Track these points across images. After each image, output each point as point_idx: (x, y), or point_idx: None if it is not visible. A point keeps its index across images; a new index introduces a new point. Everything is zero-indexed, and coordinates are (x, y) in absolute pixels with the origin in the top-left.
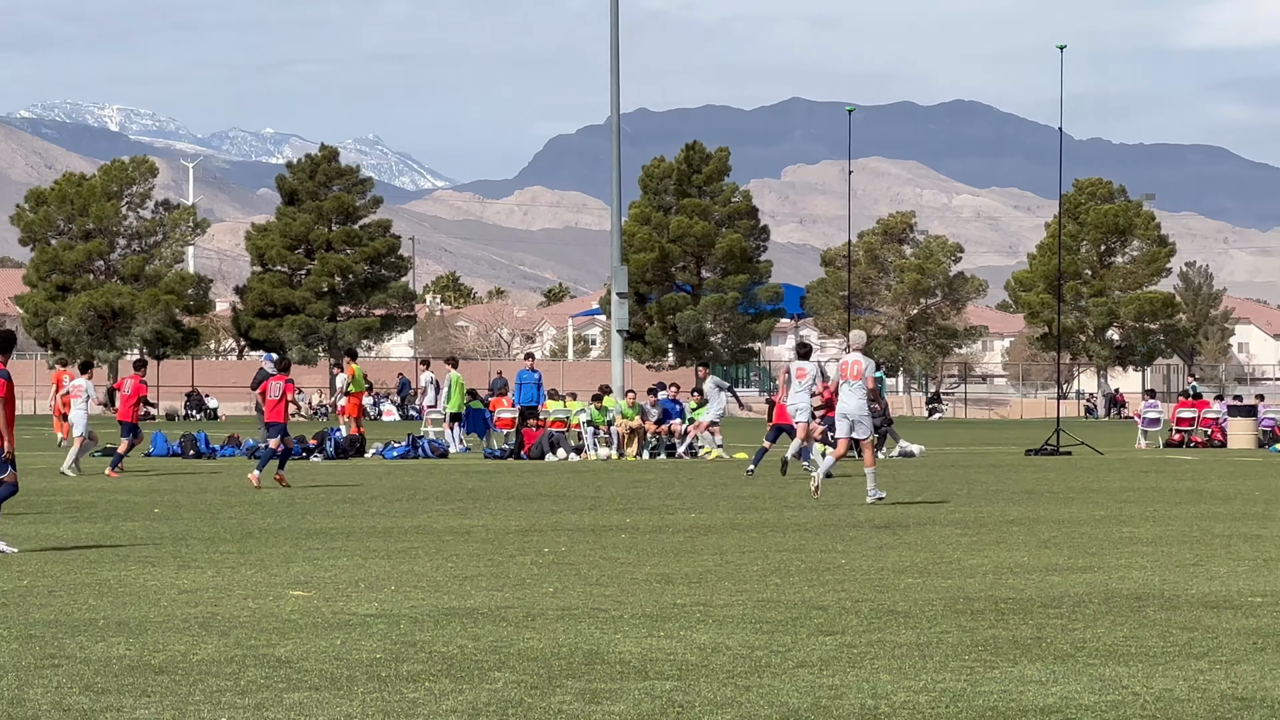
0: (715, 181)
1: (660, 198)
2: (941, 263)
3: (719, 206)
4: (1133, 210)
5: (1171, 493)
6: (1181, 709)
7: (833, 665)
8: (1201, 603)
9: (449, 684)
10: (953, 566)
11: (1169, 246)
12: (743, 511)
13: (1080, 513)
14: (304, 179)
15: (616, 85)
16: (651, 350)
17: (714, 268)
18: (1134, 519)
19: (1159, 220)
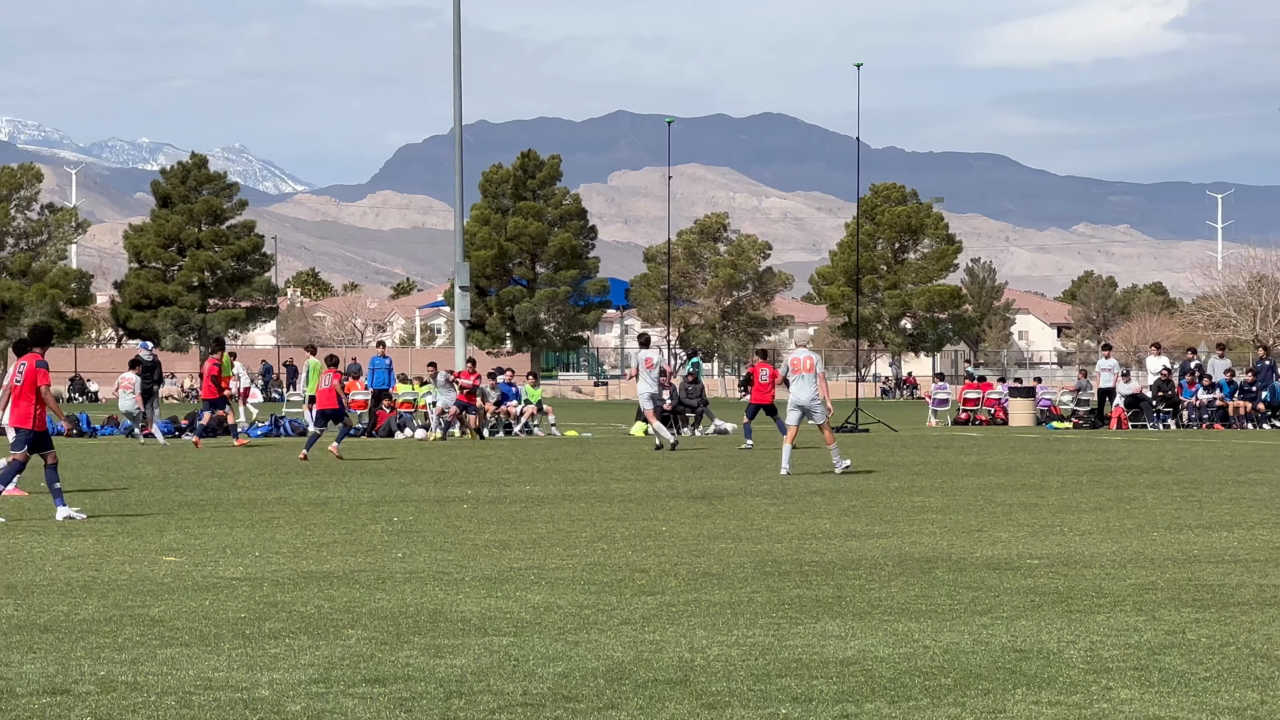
0: (548, 186)
1: (499, 200)
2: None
3: (552, 208)
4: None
5: (959, 466)
6: (966, 660)
7: (653, 622)
8: (985, 565)
9: (307, 640)
10: (762, 533)
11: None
12: (573, 484)
13: (877, 484)
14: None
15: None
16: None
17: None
18: (925, 489)
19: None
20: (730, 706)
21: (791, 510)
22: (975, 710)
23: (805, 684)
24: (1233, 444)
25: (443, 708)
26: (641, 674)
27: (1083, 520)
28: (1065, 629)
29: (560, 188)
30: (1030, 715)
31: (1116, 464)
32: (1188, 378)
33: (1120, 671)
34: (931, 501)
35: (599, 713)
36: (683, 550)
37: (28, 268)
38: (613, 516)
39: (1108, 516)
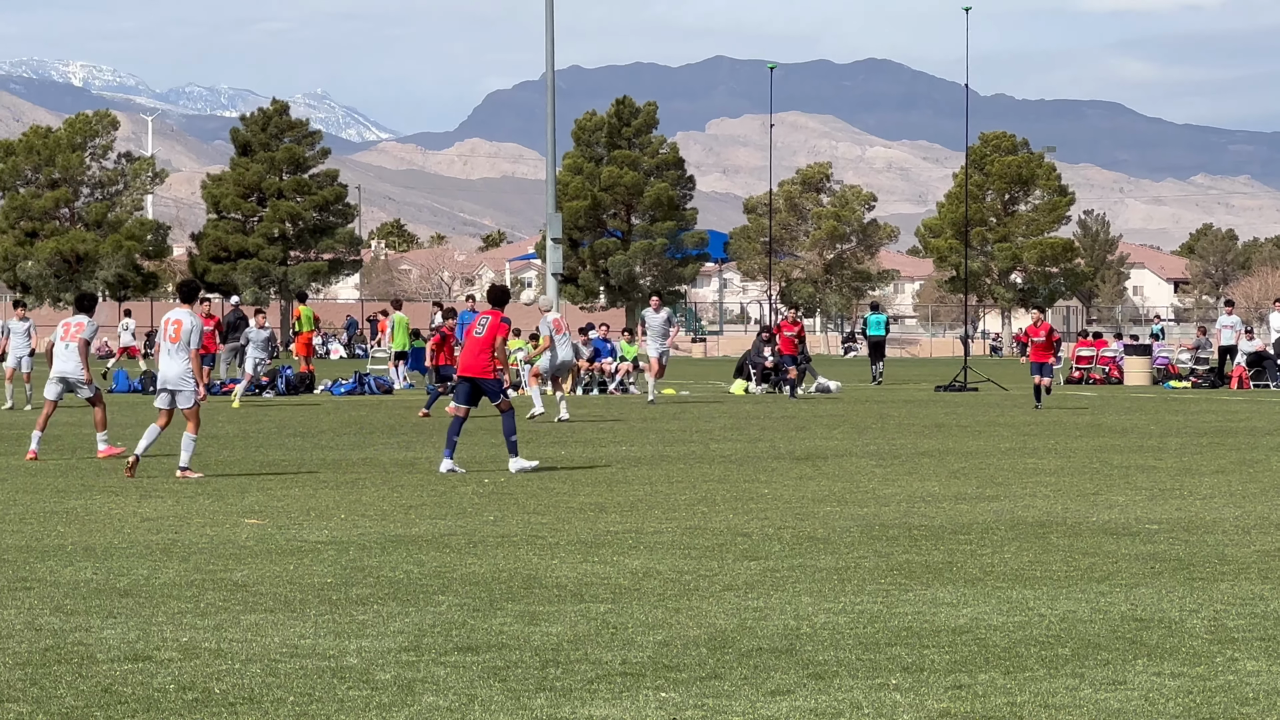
0: (644, 134)
1: (592, 149)
2: (856, 210)
3: (647, 158)
4: (1035, 162)
5: (1072, 427)
6: (1084, 629)
7: (757, 589)
8: (1102, 530)
9: (396, 606)
10: (868, 495)
11: (1068, 196)
12: (670, 444)
13: (987, 445)
14: (256, 131)
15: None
16: (584, 293)
17: (643, 215)
18: (1037, 451)
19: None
20: (838, 676)
21: (899, 472)
22: (1094, 681)
23: (916, 653)
24: None
25: (538, 677)
26: (745, 642)
27: (1203, 484)
28: (1187, 597)
29: (656, 136)
30: (1152, 687)
31: (1238, 425)
32: None
33: (1246, 642)
34: (1044, 464)
35: (701, 682)
36: (786, 513)
37: (103, 218)
38: (712, 478)
39: (1230, 480)
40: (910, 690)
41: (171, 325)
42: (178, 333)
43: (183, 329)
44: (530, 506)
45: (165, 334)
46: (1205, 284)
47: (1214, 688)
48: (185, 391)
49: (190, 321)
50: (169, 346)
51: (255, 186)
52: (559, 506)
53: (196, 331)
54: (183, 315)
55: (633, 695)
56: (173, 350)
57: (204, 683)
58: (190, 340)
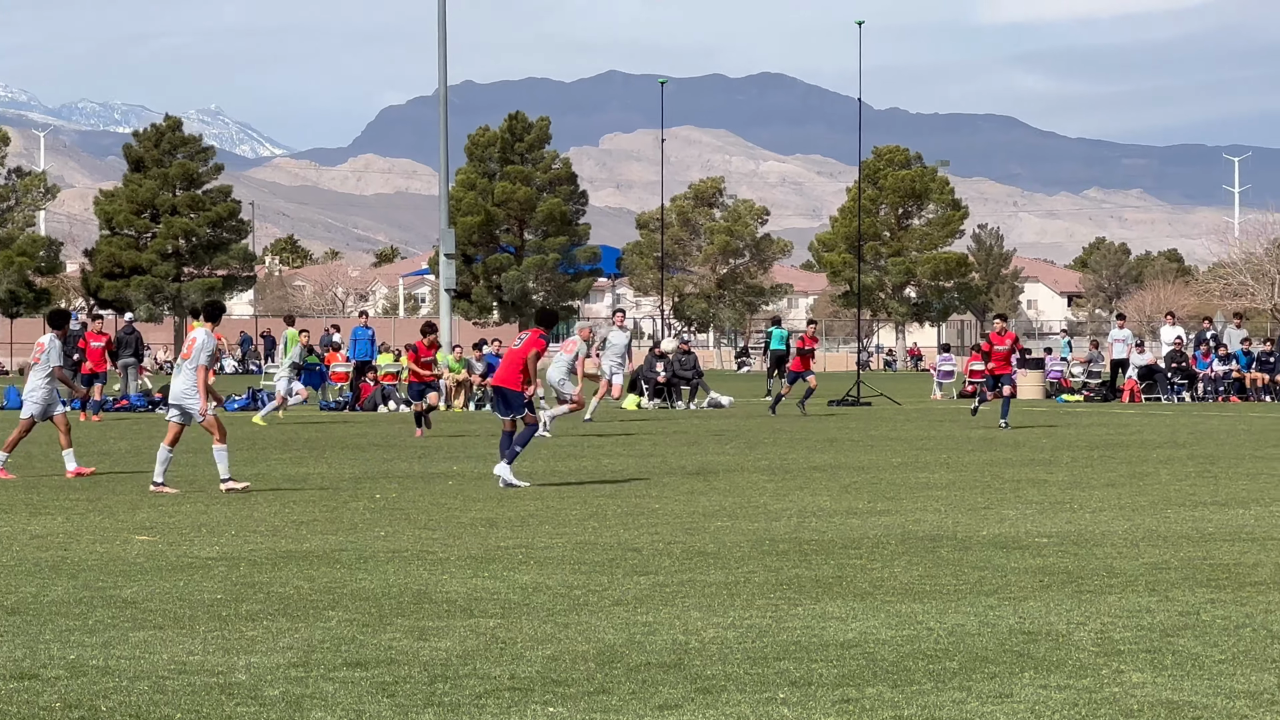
0: (537, 149)
1: (485, 165)
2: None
3: (540, 173)
4: (928, 176)
5: (964, 440)
6: (972, 642)
7: (646, 603)
8: (992, 543)
9: (286, 622)
10: (759, 510)
11: (962, 210)
12: (562, 459)
13: (879, 459)
14: (150, 148)
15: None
16: (478, 308)
17: (536, 230)
18: (929, 465)
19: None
20: (726, 690)
21: (790, 487)
22: (981, 694)
23: (804, 667)
24: (1250, 417)
25: (427, 692)
26: (634, 657)
27: (1094, 497)
28: (1075, 610)
29: (549, 151)
30: (1039, 699)
31: (1129, 438)
32: (1203, 348)
33: (1132, 654)
34: (936, 478)
35: (589, 697)
36: (677, 528)
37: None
38: (603, 493)
39: (1120, 493)
40: (798, 704)
41: (187, 343)
42: (189, 350)
43: (195, 346)
44: (421, 522)
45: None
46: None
47: (1100, 700)
48: (191, 407)
49: (203, 339)
50: (181, 363)
51: (149, 203)
52: (450, 522)
53: (207, 350)
54: (198, 334)
55: (520, 710)
56: (183, 366)
57: (91, 700)
58: (199, 358)
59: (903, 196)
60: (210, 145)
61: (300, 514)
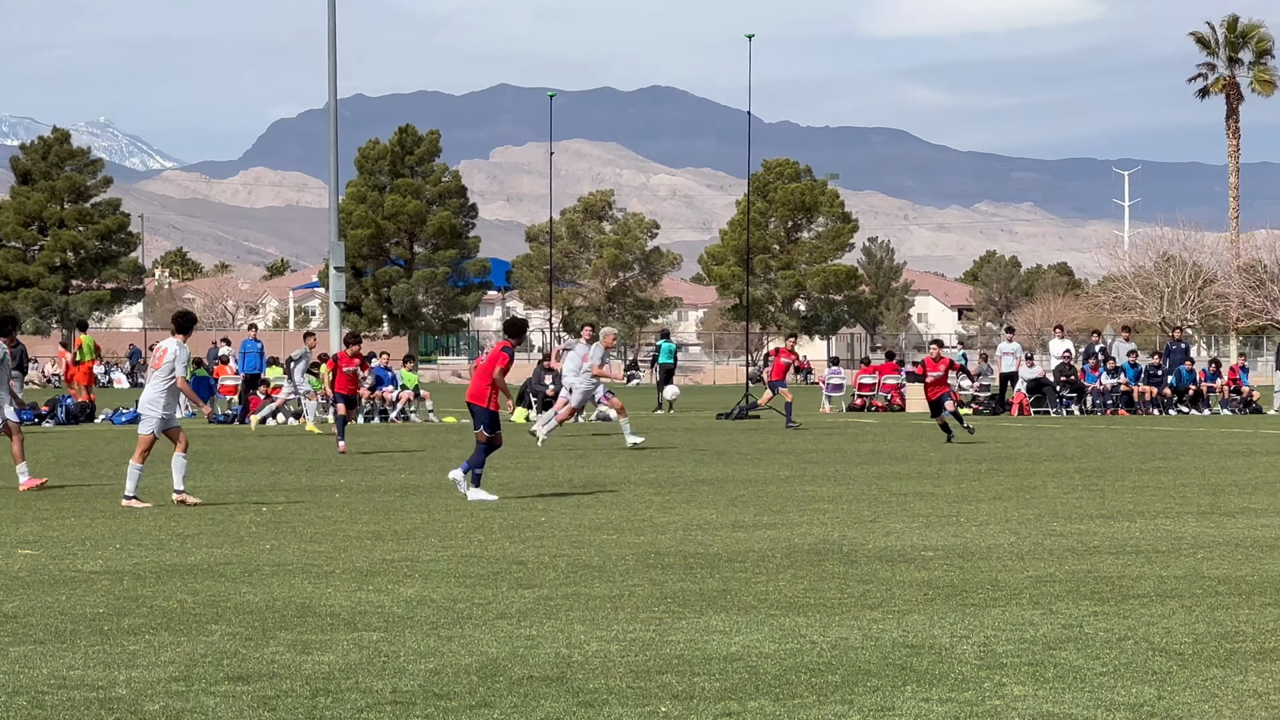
0: (427, 162)
1: (375, 178)
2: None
3: (430, 186)
4: (818, 189)
5: (853, 454)
6: (855, 656)
7: (530, 617)
8: (878, 557)
9: (168, 636)
10: (646, 524)
11: (852, 223)
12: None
13: (767, 472)
14: (37, 160)
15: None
16: (368, 321)
17: (426, 243)
18: (817, 478)
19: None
20: (608, 704)
21: (677, 500)
22: (863, 708)
23: (686, 681)
24: (1137, 430)
25: (308, 706)
26: (516, 670)
27: (980, 510)
28: (959, 623)
29: (439, 164)
30: (920, 713)
31: (1017, 451)
32: (1091, 361)
33: (1014, 667)
34: (823, 491)
35: (471, 711)
36: (562, 541)
37: None
38: (489, 506)
39: (1006, 506)
40: (679, 717)
41: (156, 354)
42: (159, 361)
43: (165, 358)
44: (307, 535)
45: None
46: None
47: (981, 712)
48: (147, 418)
49: (174, 350)
50: (152, 374)
51: (36, 215)
52: (336, 535)
53: (181, 360)
54: (169, 344)
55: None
56: (153, 378)
57: None
58: (175, 369)
59: (792, 209)
60: (99, 158)
61: (186, 527)
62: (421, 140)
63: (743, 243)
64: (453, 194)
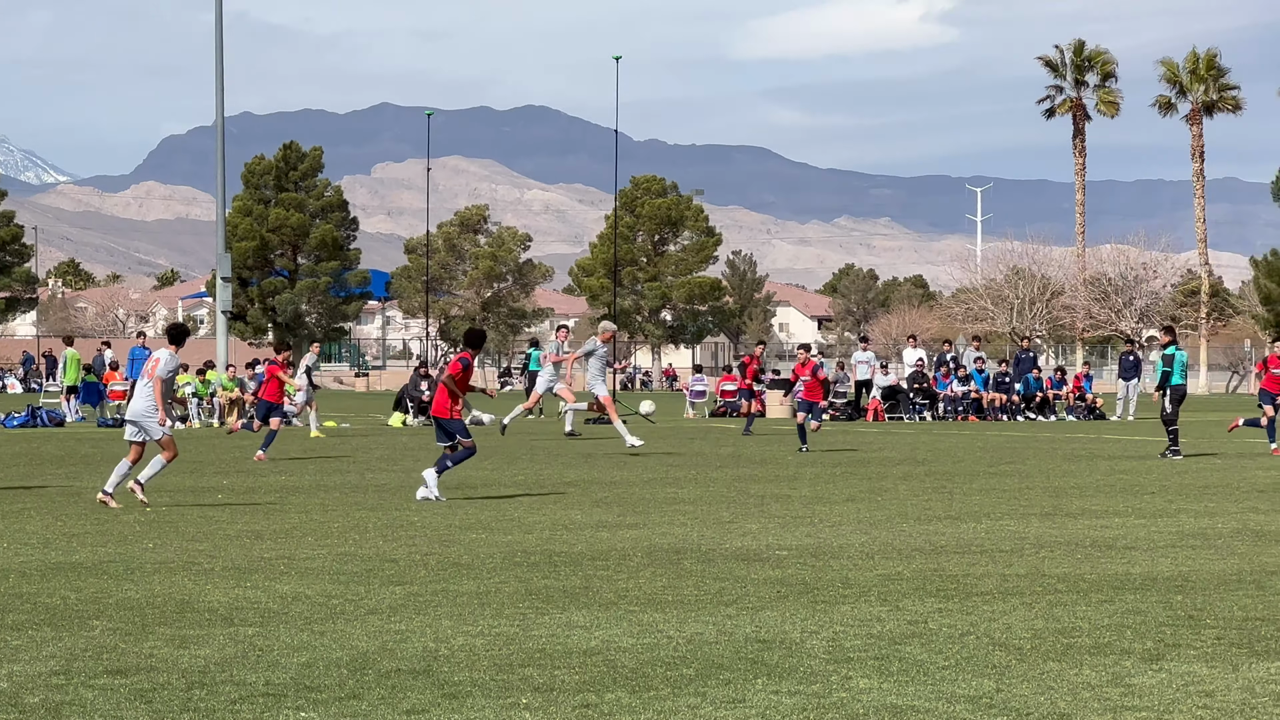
0: (310, 178)
1: (261, 192)
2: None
3: (313, 200)
4: (684, 204)
5: (714, 457)
6: (710, 650)
7: (400, 612)
8: (734, 556)
9: (50, 632)
10: (513, 523)
11: (716, 236)
12: (328, 474)
13: (631, 475)
14: None
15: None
16: (253, 329)
17: (309, 255)
18: (679, 481)
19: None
20: (472, 696)
21: (544, 501)
22: (715, 700)
23: (548, 674)
24: (986, 435)
25: (184, 698)
26: (385, 664)
27: (834, 511)
28: (809, 619)
29: (322, 179)
30: (769, 705)
31: (871, 455)
32: (943, 369)
33: (861, 661)
34: (684, 493)
35: (340, 703)
36: (433, 540)
37: None
38: (366, 507)
39: (859, 508)
40: (539, 709)
41: (150, 363)
42: (153, 369)
43: (159, 366)
44: (189, 534)
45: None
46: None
47: (828, 704)
48: (149, 425)
49: (167, 359)
50: (144, 382)
51: None
52: (216, 534)
53: (170, 368)
54: (162, 354)
55: (273, 715)
56: (142, 386)
57: None
58: (161, 374)
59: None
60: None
61: (72, 527)
62: (305, 156)
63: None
64: (335, 208)
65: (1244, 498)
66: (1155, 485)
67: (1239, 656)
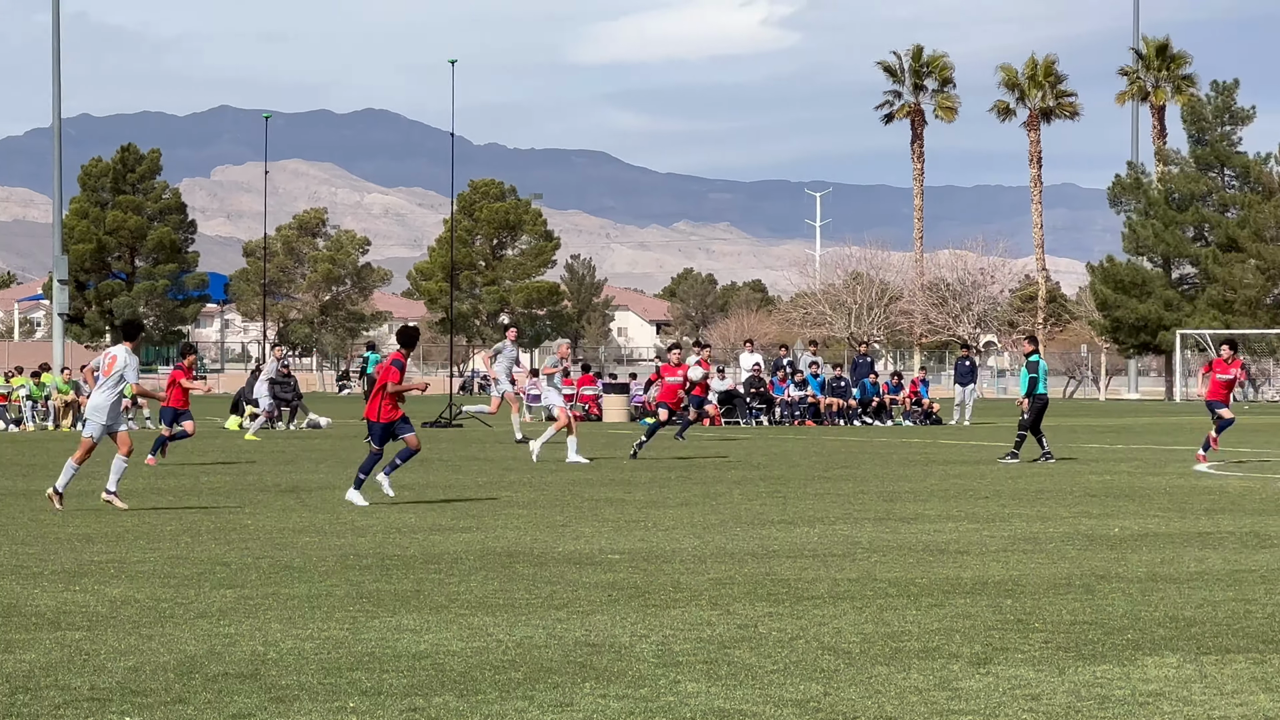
0: (148, 180)
1: (98, 194)
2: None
3: (151, 202)
4: (522, 208)
5: (549, 462)
6: (539, 654)
7: (230, 616)
8: (566, 559)
9: None
10: (347, 527)
11: (555, 241)
12: (162, 478)
13: (466, 479)
14: None
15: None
16: (90, 332)
17: (146, 257)
18: (514, 484)
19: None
20: (299, 700)
21: (378, 504)
22: (543, 704)
23: (376, 678)
24: (823, 440)
25: (7, 703)
26: (212, 668)
27: (667, 516)
28: (640, 623)
29: (160, 182)
30: (597, 708)
31: (706, 460)
32: (780, 374)
33: (690, 665)
34: (519, 496)
35: (166, 707)
36: (266, 544)
37: None
38: (199, 509)
39: (693, 512)
40: (367, 713)
41: (106, 361)
42: (109, 368)
43: (115, 365)
44: (19, 537)
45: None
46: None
47: (655, 708)
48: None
49: (123, 357)
50: (102, 380)
51: None
52: (47, 537)
53: (131, 366)
54: (117, 351)
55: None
56: (103, 384)
57: None
58: (127, 375)
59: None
60: None
61: None
62: (143, 159)
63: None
64: (173, 210)
65: (1076, 502)
66: (989, 490)
67: (1066, 660)
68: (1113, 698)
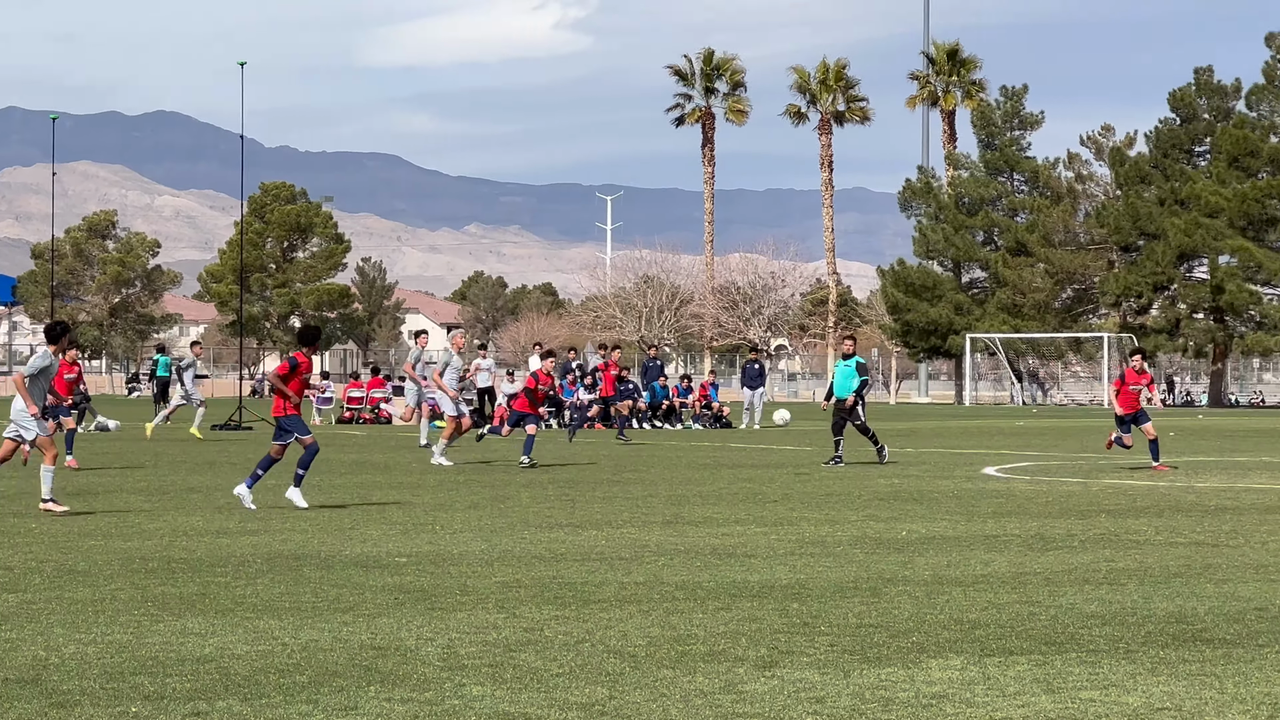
0: None
1: None
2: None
3: None
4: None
5: (338, 464)
6: (324, 657)
7: (11, 621)
8: (353, 562)
9: None
10: (134, 530)
11: (346, 244)
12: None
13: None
14: None
15: None
16: None
17: None
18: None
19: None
20: (80, 705)
21: (166, 507)
22: (327, 708)
23: (159, 682)
24: (612, 444)
25: None
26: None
27: (456, 519)
28: (425, 626)
29: None
30: (381, 712)
31: (496, 463)
32: (569, 378)
33: (475, 668)
34: (306, 499)
35: None
36: (51, 547)
37: None
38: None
39: (481, 515)
40: (149, 717)
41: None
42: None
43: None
44: None
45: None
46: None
47: (440, 712)
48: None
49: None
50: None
51: None
52: None
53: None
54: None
55: None
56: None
57: None
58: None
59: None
60: None
61: None
62: None
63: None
64: None
65: (864, 506)
66: (778, 493)
67: (851, 663)
68: (897, 700)
